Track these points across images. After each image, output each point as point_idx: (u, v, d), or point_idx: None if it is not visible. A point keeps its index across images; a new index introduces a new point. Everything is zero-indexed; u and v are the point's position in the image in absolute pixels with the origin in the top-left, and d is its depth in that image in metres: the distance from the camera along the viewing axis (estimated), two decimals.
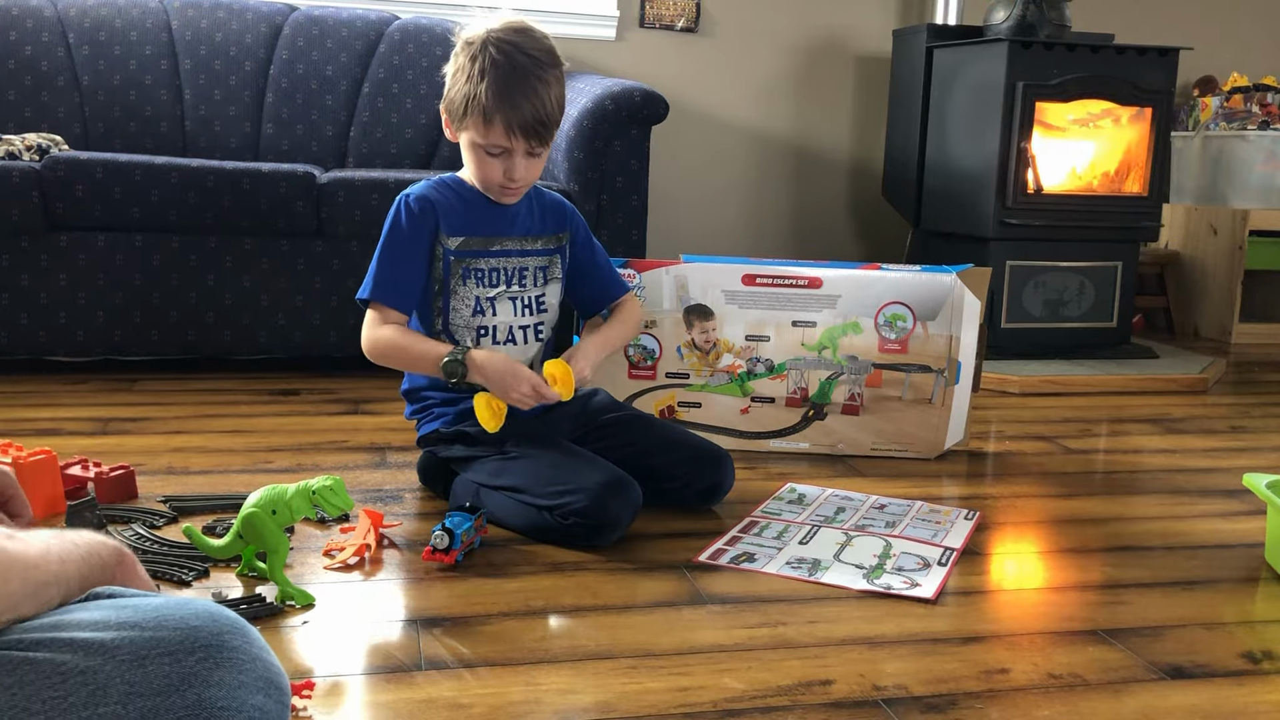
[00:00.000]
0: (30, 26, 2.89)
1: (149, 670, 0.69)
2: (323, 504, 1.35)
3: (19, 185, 2.39)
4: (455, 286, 1.69)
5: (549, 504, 1.55)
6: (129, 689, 0.68)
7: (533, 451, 1.63)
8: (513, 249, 1.73)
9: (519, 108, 1.58)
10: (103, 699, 0.67)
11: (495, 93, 1.58)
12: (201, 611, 0.75)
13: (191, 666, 0.70)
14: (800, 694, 1.15)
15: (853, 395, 2.09)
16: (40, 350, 2.50)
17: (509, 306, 1.72)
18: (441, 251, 1.69)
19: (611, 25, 3.48)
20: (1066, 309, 3.18)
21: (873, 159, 3.78)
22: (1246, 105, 3.84)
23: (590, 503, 1.52)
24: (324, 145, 3.04)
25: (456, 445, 1.70)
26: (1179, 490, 1.98)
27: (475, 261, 1.70)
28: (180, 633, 0.72)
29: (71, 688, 0.67)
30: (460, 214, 1.70)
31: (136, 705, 0.68)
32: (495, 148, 1.62)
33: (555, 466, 1.59)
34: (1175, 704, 1.17)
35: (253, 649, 0.75)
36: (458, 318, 1.70)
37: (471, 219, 1.71)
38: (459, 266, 1.69)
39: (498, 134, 1.60)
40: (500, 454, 1.65)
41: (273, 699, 0.74)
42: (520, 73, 1.58)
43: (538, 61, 1.61)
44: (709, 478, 1.73)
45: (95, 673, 0.68)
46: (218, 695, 0.70)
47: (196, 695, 0.70)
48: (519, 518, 1.60)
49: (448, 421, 1.72)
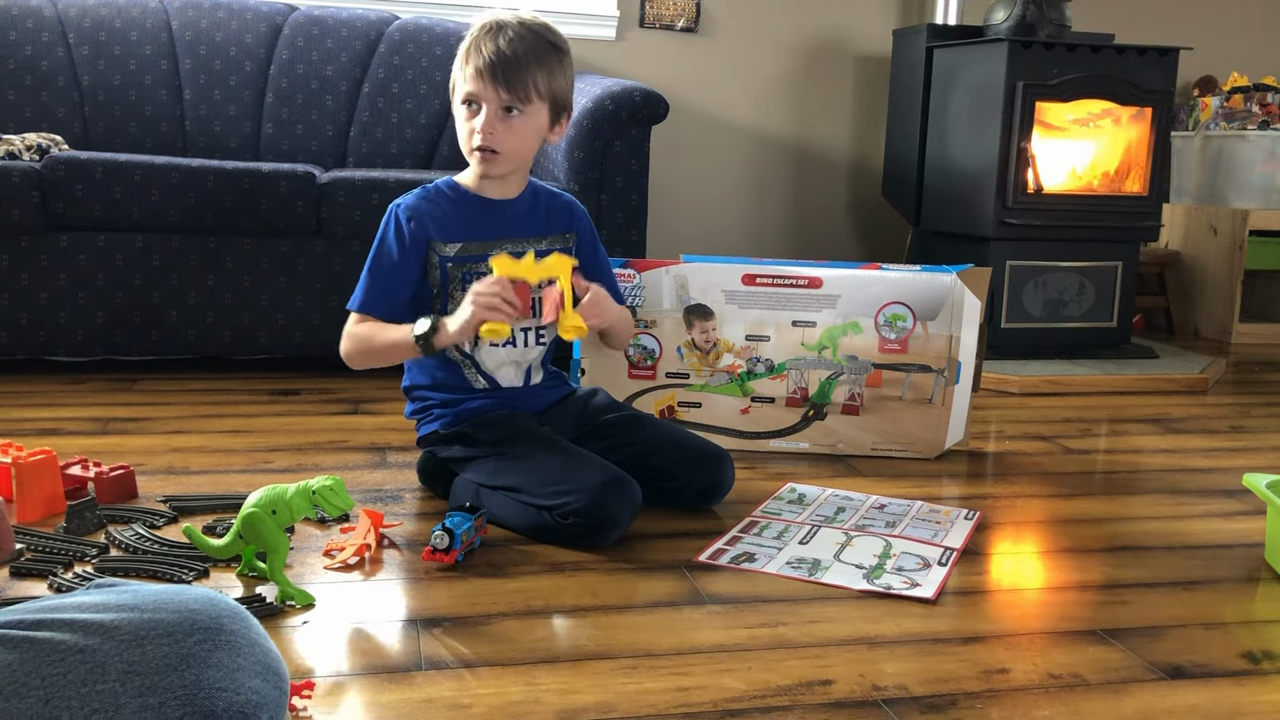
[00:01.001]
0: (30, 26, 2.89)
1: (147, 650, 0.69)
2: (323, 504, 1.35)
3: (19, 185, 2.39)
4: (453, 291, 1.69)
5: (548, 504, 1.55)
6: (127, 668, 0.68)
7: (532, 451, 1.63)
8: (514, 251, 1.73)
9: (486, 50, 1.61)
10: (101, 676, 0.68)
11: (474, 40, 1.63)
12: (201, 597, 0.75)
13: (190, 648, 0.71)
14: (800, 694, 1.15)
15: (853, 395, 2.09)
16: (40, 350, 2.50)
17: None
18: (437, 260, 1.68)
19: (611, 25, 3.49)
20: (1066, 309, 3.18)
21: (873, 159, 3.78)
22: (1246, 105, 3.84)
23: (590, 503, 1.52)
24: (324, 145, 3.04)
25: (456, 445, 1.70)
26: (1179, 490, 1.98)
27: (476, 266, 1.69)
28: (179, 615, 0.72)
29: (70, 665, 0.67)
30: (454, 219, 1.70)
31: (134, 683, 0.68)
32: (469, 99, 1.64)
33: (555, 467, 1.59)
34: (1175, 704, 1.17)
35: (251, 634, 0.76)
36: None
37: (467, 223, 1.70)
38: (458, 271, 1.69)
39: (470, 78, 1.63)
40: (499, 454, 1.64)
41: (270, 684, 0.75)
42: (504, 29, 1.62)
43: (530, 29, 1.63)
44: (709, 477, 1.72)
45: (94, 651, 0.68)
46: (215, 676, 0.71)
47: (195, 675, 0.70)
48: (518, 518, 1.59)
49: (447, 423, 1.71)
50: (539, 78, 1.63)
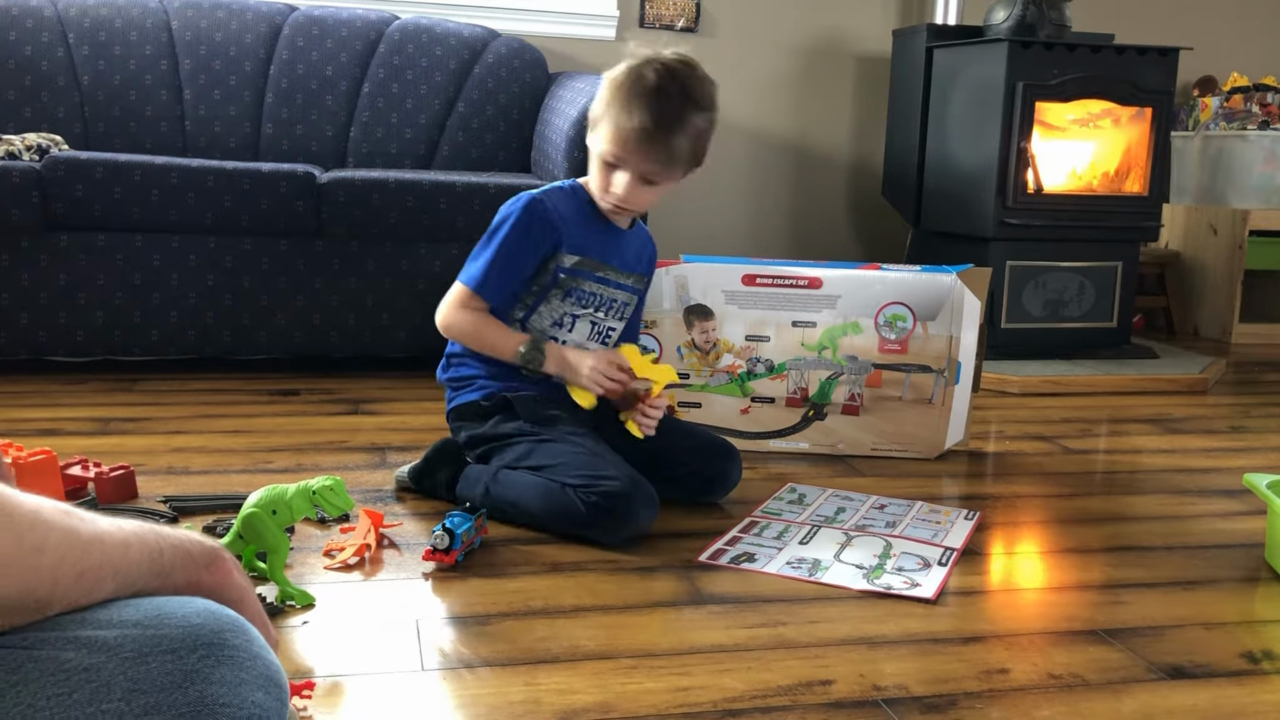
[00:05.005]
0: (30, 26, 2.89)
1: (151, 667, 0.69)
2: (323, 504, 1.35)
3: (19, 185, 2.39)
4: (553, 296, 1.72)
5: (579, 483, 1.55)
6: (132, 686, 0.68)
7: (570, 436, 1.64)
8: (612, 280, 1.76)
9: (638, 117, 1.57)
10: (106, 696, 0.68)
11: (627, 91, 1.59)
12: (202, 610, 0.75)
13: (193, 664, 0.71)
14: (800, 694, 1.15)
15: (853, 395, 2.09)
16: (40, 350, 2.50)
17: (586, 328, 1.75)
18: (554, 266, 1.70)
19: (611, 25, 3.48)
20: (1066, 309, 3.18)
21: (873, 159, 3.78)
22: (1246, 105, 3.84)
23: (621, 490, 1.53)
24: (324, 145, 3.04)
25: (495, 419, 1.70)
26: (1179, 490, 1.98)
27: (583, 282, 1.72)
28: (182, 630, 0.72)
29: (75, 684, 0.67)
30: (581, 229, 1.72)
31: (139, 702, 0.68)
32: (612, 160, 1.63)
33: (592, 455, 1.60)
34: (1175, 704, 1.17)
35: (253, 647, 0.75)
36: (539, 321, 1.73)
37: (590, 238, 1.72)
38: (569, 283, 1.71)
39: (614, 139, 1.61)
40: (534, 435, 1.65)
41: (272, 696, 0.75)
42: (661, 93, 1.58)
43: (685, 92, 1.60)
44: (717, 466, 1.75)
45: (98, 670, 0.68)
46: (219, 692, 0.71)
47: (199, 692, 0.70)
48: (539, 497, 1.59)
49: (488, 394, 1.71)
50: (684, 148, 1.62)
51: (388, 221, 2.56)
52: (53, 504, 0.71)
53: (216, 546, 0.85)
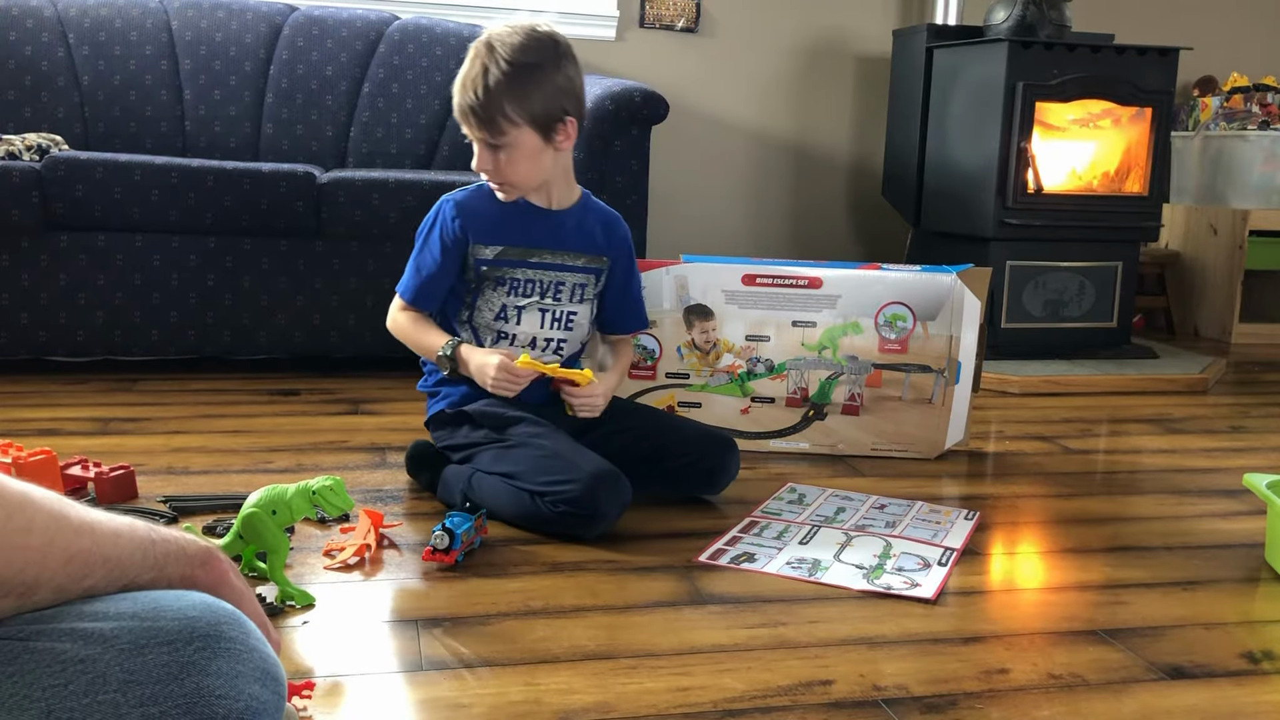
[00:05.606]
0: (30, 26, 2.89)
1: (147, 659, 0.69)
2: (323, 504, 1.35)
3: (19, 185, 2.39)
4: (485, 290, 1.73)
5: (541, 490, 1.57)
6: (128, 677, 0.68)
7: (529, 439, 1.65)
8: (551, 263, 1.74)
9: (456, 93, 1.64)
10: (102, 687, 0.68)
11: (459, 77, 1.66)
12: (199, 603, 0.75)
13: (190, 656, 0.71)
14: (800, 694, 1.15)
15: (853, 395, 2.09)
16: (40, 350, 2.50)
17: (536, 318, 1.74)
18: (474, 261, 1.71)
19: (611, 25, 3.49)
20: (1066, 309, 3.18)
21: (873, 159, 3.78)
22: (1246, 105, 3.84)
23: (581, 493, 1.53)
24: (324, 145, 3.04)
25: (464, 428, 1.72)
26: (1179, 490, 1.98)
27: (510, 271, 1.72)
28: (178, 623, 0.72)
29: (71, 675, 0.67)
30: (498, 222, 1.72)
31: (135, 693, 0.68)
32: (464, 137, 1.68)
33: (551, 456, 1.60)
34: (1175, 704, 1.17)
35: (250, 640, 0.75)
36: (480, 317, 1.74)
37: (510, 227, 1.72)
38: (492, 274, 1.72)
39: (459, 119, 1.67)
40: (498, 441, 1.67)
41: (269, 689, 0.75)
42: (474, 64, 1.63)
43: (497, 58, 1.61)
44: (716, 457, 1.75)
45: (94, 661, 0.68)
46: (216, 684, 0.71)
47: (195, 684, 0.70)
48: (511, 503, 1.61)
49: (453, 403, 1.74)
50: (509, 109, 1.61)
51: (388, 221, 2.56)
52: (44, 491, 0.71)
53: (211, 547, 0.85)
